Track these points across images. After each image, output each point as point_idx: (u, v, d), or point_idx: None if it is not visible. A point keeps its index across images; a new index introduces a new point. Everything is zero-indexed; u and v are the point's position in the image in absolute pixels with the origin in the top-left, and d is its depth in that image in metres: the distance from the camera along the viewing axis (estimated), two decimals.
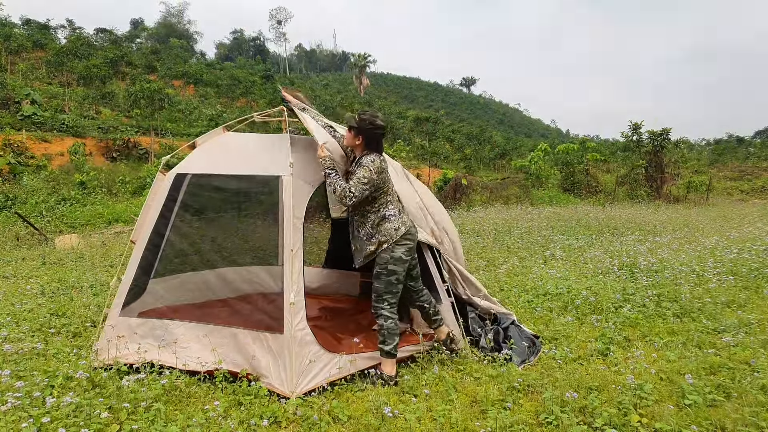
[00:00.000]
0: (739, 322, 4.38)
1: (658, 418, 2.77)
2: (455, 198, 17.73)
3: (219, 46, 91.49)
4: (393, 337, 3.31)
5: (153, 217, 3.79)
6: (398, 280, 3.35)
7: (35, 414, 2.67)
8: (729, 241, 8.35)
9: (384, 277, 3.32)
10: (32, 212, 13.17)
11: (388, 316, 3.32)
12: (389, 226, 3.34)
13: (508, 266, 6.82)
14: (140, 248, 3.78)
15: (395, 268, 3.32)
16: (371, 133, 3.37)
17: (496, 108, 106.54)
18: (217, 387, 3.18)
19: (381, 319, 3.32)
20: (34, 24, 49.15)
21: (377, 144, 3.41)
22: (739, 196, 28.78)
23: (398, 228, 3.35)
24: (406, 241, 3.35)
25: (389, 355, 3.31)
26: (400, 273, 3.34)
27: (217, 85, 40.87)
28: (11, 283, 6.42)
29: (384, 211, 3.36)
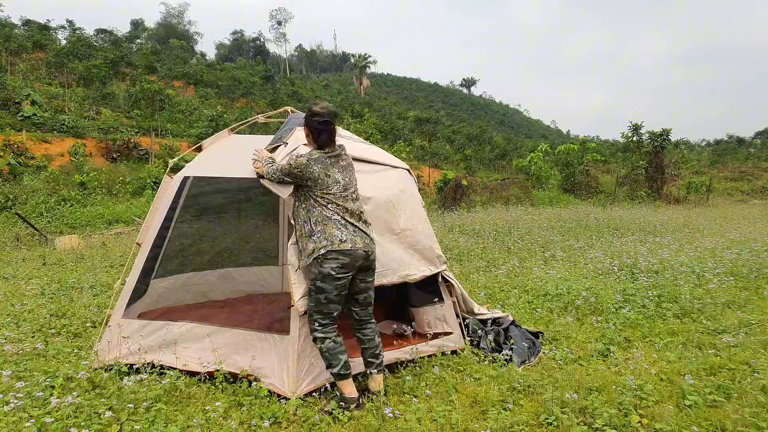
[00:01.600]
0: (739, 322, 4.38)
1: (659, 418, 2.77)
2: (455, 199, 17.72)
3: (219, 46, 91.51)
4: (337, 357, 2.94)
5: (160, 219, 3.80)
6: (328, 300, 2.91)
7: (36, 414, 2.67)
8: (729, 242, 8.35)
9: (313, 294, 2.95)
10: (32, 213, 13.17)
11: (322, 338, 2.94)
12: (319, 236, 2.92)
13: (509, 267, 6.82)
14: (145, 251, 3.79)
15: (323, 285, 2.89)
16: (311, 123, 3.02)
17: (496, 109, 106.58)
18: (217, 388, 3.18)
19: (317, 342, 2.96)
20: (34, 25, 49.13)
21: (319, 135, 3.01)
22: (739, 197, 28.80)
23: (330, 240, 2.90)
24: (339, 257, 2.88)
25: (340, 377, 2.97)
26: (330, 292, 2.90)
27: (217, 86, 40.85)
28: (11, 283, 6.43)
29: (316, 218, 2.96)
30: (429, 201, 19.75)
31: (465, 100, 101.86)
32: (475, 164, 35.59)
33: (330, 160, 3.02)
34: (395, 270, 3.53)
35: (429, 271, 3.73)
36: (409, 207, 3.80)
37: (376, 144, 18.11)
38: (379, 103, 60.21)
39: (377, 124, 27.28)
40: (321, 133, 3.02)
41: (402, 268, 3.58)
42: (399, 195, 3.74)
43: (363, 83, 71.86)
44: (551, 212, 14.07)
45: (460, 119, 67.96)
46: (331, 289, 2.90)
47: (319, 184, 2.96)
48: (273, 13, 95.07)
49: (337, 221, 2.94)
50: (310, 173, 2.95)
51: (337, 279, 2.89)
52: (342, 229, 2.93)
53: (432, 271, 3.75)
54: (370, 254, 3.01)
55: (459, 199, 17.54)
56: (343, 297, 2.98)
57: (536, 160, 27.36)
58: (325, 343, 2.95)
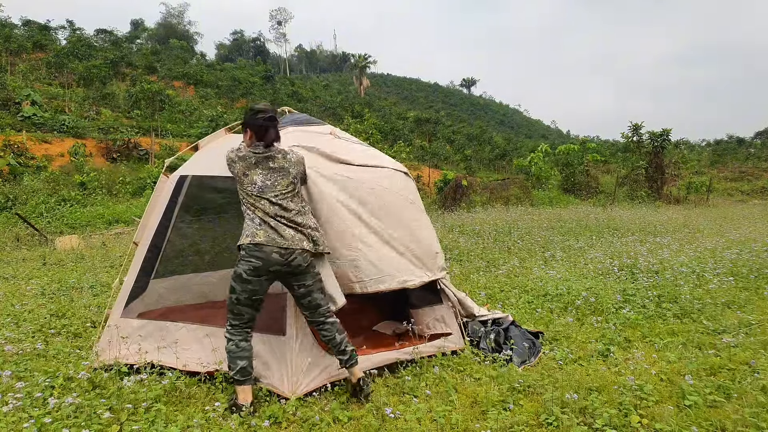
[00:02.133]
0: (739, 322, 4.38)
1: (659, 418, 2.77)
2: (455, 199, 17.72)
3: (219, 46, 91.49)
4: (235, 361, 2.90)
5: (156, 219, 3.80)
6: (238, 301, 2.89)
7: (36, 414, 2.67)
8: (729, 242, 8.35)
9: (228, 291, 2.95)
10: (32, 213, 13.18)
11: (228, 338, 2.93)
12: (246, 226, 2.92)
13: (509, 267, 6.82)
14: (143, 250, 3.79)
15: (234, 285, 2.89)
16: (253, 121, 2.96)
17: (496, 109, 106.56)
18: (217, 388, 3.19)
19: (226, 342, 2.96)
20: (34, 25, 49.12)
21: (266, 132, 2.96)
22: (739, 197, 28.82)
23: (248, 234, 2.88)
24: (250, 258, 2.85)
25: (236, 381, 2.93)
26: (240, 293, 2.87)
27: (217, 86, 40.86)
28: (11, 283, 6.43)
29: (244, 213, 2.98)
30: (429, 201, 19.74)
31: (465, 100, 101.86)
32: (475, 164, 35.59)
33: (256, 158, 2.96)
34: (393, 276, 3.50)
35: (427, 278, 3.71)
36: (407, 211, 3.78)
37: (376, 144, 17.99)
38: (379, 104, 60.19)
39: (377, 125, 27.27)
40: (268, 130, 2.97)
41: (400, 273, 3.55)
42: (396, 199, 3.72)
43: (363, 83, 71.81)
44: (551, 212, 14.07)
45: (460, 119, 67.95)
46: (241, 290, 2.88)
47: (239, 181, 2.98)
48: (273, 14, 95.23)
49: (254, 222, 2.91)
50: (232, 169, 2.99)
51: (246, 281, 2.86)
52: (256, 230, 2.88)
53: (430, 278, 3.73)
54: (291, 259, 2.89)
55: (459, 199, 17.54)
56: (256, 302, 2.94)
57: (536, 160, 27.36)
58: (228, 345, 2.94)
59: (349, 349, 3.07)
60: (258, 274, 2.87)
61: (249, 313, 2.94)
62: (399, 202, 3.75)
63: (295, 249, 2.90)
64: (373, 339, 4.00)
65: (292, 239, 2.91)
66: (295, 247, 2.90)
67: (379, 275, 3.41)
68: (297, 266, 2.93)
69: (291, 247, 2.89)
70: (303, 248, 2.93)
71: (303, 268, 2.96)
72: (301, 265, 2.94)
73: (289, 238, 2.90)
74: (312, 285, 3.01)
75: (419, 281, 3.64)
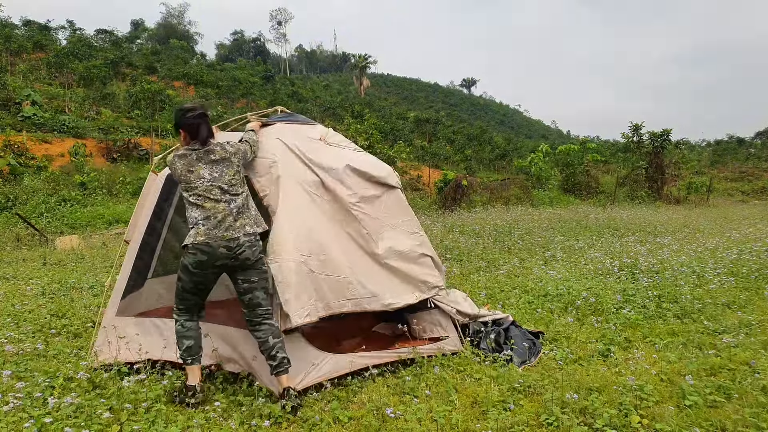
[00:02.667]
0: (739, 323, 4.38)
1: (659, 419, 2.77)
2: (455, 199, 17.72)
3: (219, 47, 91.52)
4: (181, 341, 3.05)
5: (146, 216, 3.81)
6: (184, 289, 3.03)
7: (36, 414, 2.67)
8: (729, 242, 8.35)
9: (177, 280, 3.09)
10: (33, 213, 13.18)
11: (175, 319, 3.10)
12: (190, 230, 2.99)
13: (509, 267, 6.82)
14: (134, 248, 3.79)
15: (182, 275, 3.01)
16: (184, 121, 3.06)
17: (496, 109, 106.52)
18: (218, 388, 3.19)
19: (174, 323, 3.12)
20: (34, 25, 49.15)
21: (198, 130, 3.05)
22: (739, 197, 28.82)
23: (191, 235, 2.95)
24: (195, 251, 2.92)
25: (184, 362, 3.06)
26: (186, 282, 3.01)
27: (217, 86, 40.87)
28: (12, 284, 6.43)
29: (188, 214, 3.04)
30: (429, 201, 19.75)
31: (465, 101, 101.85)
32: (476, 164, 35.57)
33: (197, 154, 3.03)
34: (378, 297, 3.45)
35: (414, 299, 3.63)
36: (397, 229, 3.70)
37: (376, 144, 17.85)
38: (380, 104, 60.19)
39: (377, 125, 27.23)
40: (199, 127, 3.05)
41: (384, 295, 3.48)
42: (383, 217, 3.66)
43: (363, 83, 71.81)
44: (551, 212, 14.07)
45: (460, 119, 67.91)
46: (187, 281, 3.01)
47: (182, 180, 3.02)
48: (273, 14, 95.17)
49: (198, 213, 2.97)
50: (174, 170, 3.05)
51: (192, 273, 2.97)
52: (202, 225, 2.94)
53: (418, 298, 3.66)
54: (239, 253, 2.94)
55: (459, 200, 17.54)
56: (202, 291, 3.08)
57: (536, 160, 27.36)
58: (175, 325, 3.10)
59: (280, 356, 2.99)
60: (203, 268, 2.95)
61: (194, 300, 3.09)
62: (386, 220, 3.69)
63: (243, 242, 2.95)
64: (373, 339, 4.01)
65: (239, 229, 2.97)
66: (239, 234, 2.96)
67: (364, 296, 3.36)
68: (245, 260, 2.98)
69: (236, 237, 2.95)
70: (247, 233, 2.99)
71: (250, 263, 3.00)
72: (249, 259, 2.98)
73: (236, 228, 2.97)
74: (256, 282, 3.03)
75: (403, 303, 3.56)
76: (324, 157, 3.61)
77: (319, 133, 3.83)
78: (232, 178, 3.05)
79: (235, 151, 3.13)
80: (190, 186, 3.00)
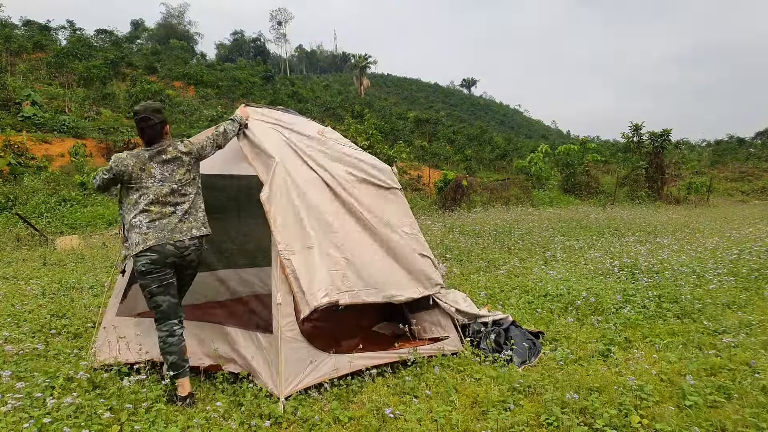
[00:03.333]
0: (739, 323, 4.38)
1: (659, 419, 2.77)
2: (455, 199, 17.73)
3: (219, 47, 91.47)
4: (165, 357, 3.06)
5: None
6: (152, 294, 3.03)
7: (36, 415, 2.67)
8: (729, 242, 8.34)
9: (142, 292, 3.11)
10: (33, 213, 13.18)
11: (158, 335, 3.08)
12: (133, 236, 3.00)
13: (509, 267, 6.82)
14: None
15: (142, 281, 3.03)
16: (136, 123, 3.14)
17: (496, 109, 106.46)
18: (217, 388, 3.18)
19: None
20: (34, 25, 49.12)
21: (142, 132, 3.11)
22: (739, 197, 28.82)
23: (139, 242, 2.96)
24: (149, 253, 2.96)
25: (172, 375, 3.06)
26: (150, 285, 3.02)
27: (217, 86, 40.86)
28: (12, 284, 6.43)
29: (130, 218, 3.02)
30: (429, 201, 19.75)
31: (465, 101, 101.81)
32: (476, 164, 35.56)
33: (149, 153, 3.08)
34: (380, 289, 3.47)
35: (418, 293, 3.67)
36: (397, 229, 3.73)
37: (376, 144, 17.85)
38: (380, 104, 60.19)
39: (377, 125, 27.24)
40: (143, 131, 3.11)
41: (388, 287, 3.51)
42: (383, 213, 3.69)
43: (363, 83, 71.76)
44: (551, 212, 14.07)
45: (460, 119, 67.93)
46: (150, 283, 3.02)
47: (133, 178, 3.03)
48: (273, 14, 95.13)
49: (143, 218, 2.99)
50: (125, 167, 3.02)
51: (149, 273, 3.00)
52: (147, 225, 2.99)
53: (421, 293, 3.69)
54: (186, 254, 3.06)
55: (459, 200, 17.54)
56: (168, 287, 3.07)
57: (536, 160, 27.37)
58: (158, 341, 3.09)
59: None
60: (157, 264, 3.00)
61: (166, 302, 3.06)
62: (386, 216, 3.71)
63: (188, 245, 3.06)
64: (373, 339, 4.01)
65: (185, 232, 3.07)
66: (185, 237, 3.05)
67: (365, 287, 3.38)
68: (190, 262, 3.14)
69: (182, 239, 3.05)
70: (193, 236, 3.09)
71: (195, 264, 3.20)
72: (193, 261, 3.16)
73: (183, 230, 3.06)
74: (189, 281, 3.28)
75: (406, 297, 3.60)
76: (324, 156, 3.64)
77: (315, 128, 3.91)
78: (182, 178, 3.11)
79: (188, 150, 3.17)
80: (141, 185, 3.03)
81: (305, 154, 3.53)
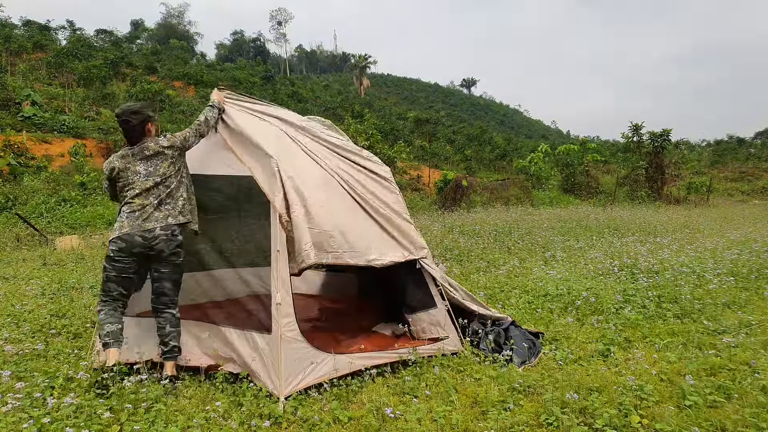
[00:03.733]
0: (739, 323, 4.38)
1: (659, 419, 2.77)
2: (455, 199, 17.73)
3: (219, 47, 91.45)
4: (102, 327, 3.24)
5: None
6: (108, 278, 3.27)
7: (36, 415, 2.67)
8: (729, 242, 8.34)
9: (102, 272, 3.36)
10: (32, 213, 13.18)
11: (99, 310, 3.30)
12: (115, 224, 3.30)
13: (509, 267, 6.82)
14: None
15: (106, 265, 3.28)
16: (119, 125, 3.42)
17: (496, 109, 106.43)
18: (217, 388, 3.18)
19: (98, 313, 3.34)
20: (34, 25, 49.11)
21: (124, 135, 3.39)
22: (739, 197, 28.83)
23: (115, 229, 3.26)
24: (118, 241, 3.21)
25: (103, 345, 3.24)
26: (110, 271, 3.25)
27: (217, 86, 40.89)
28: (12, 284, 6.42)
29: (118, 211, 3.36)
30: (429, 201, 19.75)
31: (465, 101, 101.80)
32: (476, 164, 35.56)
33: (132, 152, 3.33)
34: (361, 253, 3.46)
35: (401, 257, 3.63)
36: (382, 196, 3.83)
37: (376, 144, 17.85)
38: (380, 104, 60.19)
39: (377, 125, 27.26)
40: (125, 132, 3.36)
41: (369, 252, 3.48)
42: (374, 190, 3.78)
43: (363, 83, 71.76)
44: (551, 212, 14.07)
45: (460, 119, 67.94)
46: (110, 269, 3.25)
47: (120, 177, 3.31)
48: (273, 14, 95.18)
49: (125, 209, 3.26)
50: (112, 169, 3.32)
51: (115, 261, 3.23)
52: (126, 215, 3.24)
53: (405, 257, 3.65)
54: (154, 244, 3.22)
55: (459, 200, 17.54)
56: (125, 280, 3.28)
57: (536, 160, 27.38)
58: (99, 315, 3.28)
59: (172, 344, 3.29)
60: (123, 254, 3.22)
61: (117, 290, 3.30)
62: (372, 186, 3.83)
63: (158, 234, 3.22)
64: (374, 339, 4.00)
65: (161, 219, 3.24)
66: (157, 226, 3.22)
67: (348, 249, 3.37)
68: (159, 251, 3.25)
69: (153, 228, 3.21)
70: (168, 224, 3.25)
71: (165, 255, 3.27)
72: (163, 251, 3.25)
73: (157, 218, 3.24)
74: (166, 274, 3.32)
75: (388, 261, 3.55)
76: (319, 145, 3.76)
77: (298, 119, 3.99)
78: (166, 171, 3.33)
79: (170, 144, 3.37)
80: (128, 182, 3.28)
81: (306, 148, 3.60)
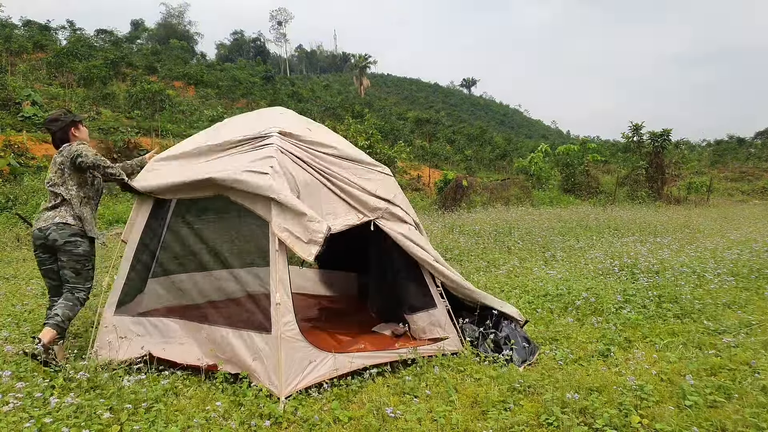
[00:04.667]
0: (739, 323, 4.38)
1: (659, 419, 2.77)
2: (455, 199, 17.72)
3: (219, 47, 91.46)
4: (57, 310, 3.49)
5: (143, 216, 3.81)
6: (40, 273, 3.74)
7: (36, 415, 2.67)
8: (730, 242, 8.34)
9: None
10: (33, 213, 13.16)
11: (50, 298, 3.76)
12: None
13: (509, 267, 6.82)
14: (132, 247, 3.80)
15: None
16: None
17: (496, 109, 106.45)
18: (217, 388, 3.18)
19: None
20: (34, 25, 49.16)
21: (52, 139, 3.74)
22: (739, 197, 28.83)
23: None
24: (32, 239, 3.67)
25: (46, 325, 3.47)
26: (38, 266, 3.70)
27: (217, 86, 40.87)
28: (12, 284, 6.43)
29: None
30: (429, 201, 19.75)
31: (465, 101, 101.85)
32: (476, 164, 35.58)
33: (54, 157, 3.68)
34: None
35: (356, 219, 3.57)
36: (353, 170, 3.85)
37: (376, 144, 17.84)
38: (380, 104, 60.20)
39: (377, 125, 27.26)
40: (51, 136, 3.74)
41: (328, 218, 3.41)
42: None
43: (363, 83, 71.78)
44: (551, 212, 14.06)
45: (460, 119, 67.97)
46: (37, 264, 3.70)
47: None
48: (273, 14, 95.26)
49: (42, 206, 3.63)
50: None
51: (35, 257, 3.67)
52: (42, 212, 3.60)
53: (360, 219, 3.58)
54: (48, 234, 3.52)
55: (459, 200, 17.54)
56: (46, 272, 3.67)
57: (536, 160, 27.39)
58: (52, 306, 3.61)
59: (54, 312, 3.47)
60: (34, 246, 3.65)
61: (47, 282, 3.71)
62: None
63: (49, 225, 3.53)
64: (374, 339, 4.00)
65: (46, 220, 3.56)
66: (49, 223, 3.54)
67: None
68: (53, 241, 3.52)
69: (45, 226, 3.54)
70: (55, 222, 3.53)
71: (59, 244, 3.53)
72: (57, 241, 3.52)
73: (49, 218, 3.56)
74: (65, 263, 3.58)
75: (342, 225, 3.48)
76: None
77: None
78: (53, 176, 3.63)
79: (67, 154, 3.62)
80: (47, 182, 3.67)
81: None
